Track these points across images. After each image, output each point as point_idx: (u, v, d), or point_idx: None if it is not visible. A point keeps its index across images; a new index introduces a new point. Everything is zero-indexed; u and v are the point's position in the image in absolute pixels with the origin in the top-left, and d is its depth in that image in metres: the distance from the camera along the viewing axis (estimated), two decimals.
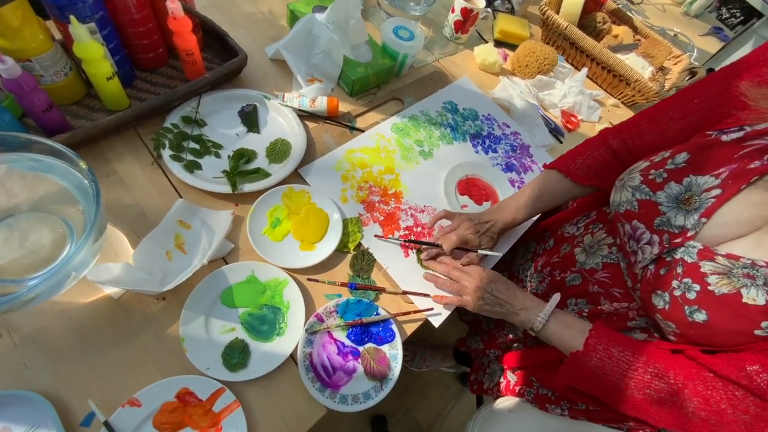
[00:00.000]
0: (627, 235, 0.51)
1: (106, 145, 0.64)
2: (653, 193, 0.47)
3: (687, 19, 1.72)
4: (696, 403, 0.42)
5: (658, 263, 0.46)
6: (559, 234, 0.70)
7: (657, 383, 0.45)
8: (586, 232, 0.63)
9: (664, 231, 0.45)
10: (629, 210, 0.50)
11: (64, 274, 0.46)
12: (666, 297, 0.44)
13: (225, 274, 0.58)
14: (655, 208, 0.47)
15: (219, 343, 0.54)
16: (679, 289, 0.43)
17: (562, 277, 0.63)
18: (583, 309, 0.58)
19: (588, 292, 0.58)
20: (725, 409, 0.40)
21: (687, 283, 0.42)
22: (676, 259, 0.44)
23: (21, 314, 0.51)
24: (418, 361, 1.36)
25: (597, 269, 0.57)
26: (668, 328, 0.46)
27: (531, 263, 0.74)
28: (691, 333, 0.43)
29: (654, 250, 0.46)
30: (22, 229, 0.51)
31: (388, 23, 0.87)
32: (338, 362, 0.57)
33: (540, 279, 0.68)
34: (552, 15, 1.10)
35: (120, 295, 0.54)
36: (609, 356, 0.48)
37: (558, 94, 1.03)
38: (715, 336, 0.41)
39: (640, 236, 0.48)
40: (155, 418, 0.48)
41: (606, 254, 0.57)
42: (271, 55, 0.83)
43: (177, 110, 0.68)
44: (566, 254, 0.64)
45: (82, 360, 0.49)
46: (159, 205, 0.61)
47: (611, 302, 0.55)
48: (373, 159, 0.77)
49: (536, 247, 0.75)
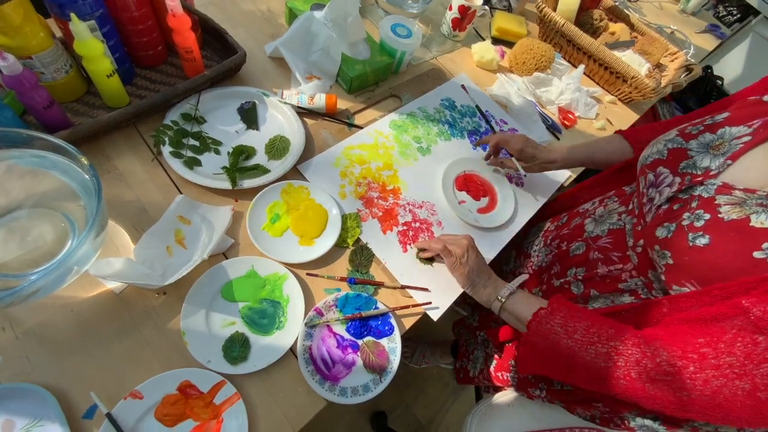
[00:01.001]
0: (648, 184, 0.51)
1: (106, 141, 0.64)
2: (686, 142, 0.48)
3: (684, 16, 1.73)
4: (666, 355, 0.40)
5: (672, 201, 0.46)
6: (573, 211, 0.72)
7: (623, 340, 0.44)
8: (600, 205, 0.64)
9: (687, 173, 0.46)
10: (657, 159, 0.50)
11: (66, 268, 0.46)
12: (672, 227, 0.44)
13: (225, 268, 0.58)
14: (684, 153, 0.47)
15: (220, 336, 0.54)
16: (688, 220, 0.42)
17: (567, 247, 0.64)
18: (578, 275, 0.59)
19: (588, 259, 0.59)
20: (706, 353, 0.38)
21: (698, 214, 0.42)
22: (693, 195, 0.44)
23: (23, 308, 0.51)
24: (418, 357, 1.37)
25: (601, 236, 0.59)
26: (662, 261, 0.45)
27: (541, 239, 0.76)
28: (686, 260, 0.42)
29: (673, 189, 0.46)
30: (24, 225, 0.52)
31: (386, 21, 0.87)
32: (337, 355, 0.58)
33: (547, 252, 0.70)
34: (549, 12, 1.10)
35: (121, 289, 0.54)
36: (571, 316, 0.49)
37: (555, 91, 1.04)
38: (710, 260, 0.40)
39: (661, 181, 0.48)
40: (157, 410, 0.49)
41: (615, 221, 0.58)
42: (269, 52, 0.84)
43: (177, 107, 0.69)
44: (576, 225, 0.66)
45: (84, 353, 0.50)
46: (159, 200, 0.62)
47: (607, 266, 0.56)
48: (372, 155, 0.77)
49: (548, 225, 0.78)
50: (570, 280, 0.61)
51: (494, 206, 0.79)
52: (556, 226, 0.74)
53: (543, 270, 0.70)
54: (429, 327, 0.66)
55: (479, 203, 0.79)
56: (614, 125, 1.10)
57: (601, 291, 0.56)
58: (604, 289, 0.56)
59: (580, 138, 1.03)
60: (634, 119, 1.15)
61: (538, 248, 0.75)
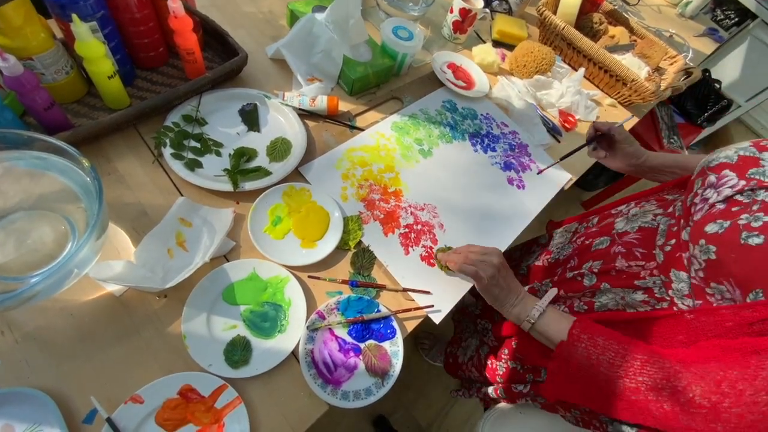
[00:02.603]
0: (706, 185, 0.49)
1: (107, 143, 0.64)
2: (759, 153, 0.47)
3: (682, 20, 1.74)
4: (699, 390, 0.40)
5: (730, 202, 0.45)
6: (606, 213, 0.71)
7: (650, 368, 0.43)
8: (636, 206, 0.63)
9: (754, 178, 0.45)
10: (723, 162, 0.49)
11: (66, 271, 0.46)
12: (726, 223, 0.43)
13: (226, 271, 0.58)
14: (756, 162, 0.46)
15: (221, 340, 0.54)
16: (746, 220, 0.41)
17: (591, 242, 0.62)
18: (594, 267, 0.58)
19: (609, 253, 0.57)
20: (743, 390, 0.38)
21: (758, 216, 0.41)
22: (756, 199, 0.43)
23: (22, 312, 0.51)
24: (435, 354, 1.38)
25: (630, 232, 0.57)
26: (703, 256, 0.44)
27: (568, 237, 0.74)
28: (732, 257, 0.41)
29: (735, 189, 0.45)
30: (24, 227, 0.51)
31: (388, 23, 0.87)
32: (340, 359, 0.57)
33: (569, 248, 0.69)
34: (549, 15, 1.11)
35: (122, 292, 0.54)
36: (594, 345, 0.48)
37: (555, 94, 1.04)
38: (758, 261, 0.39)
39: (723, 183, 0.47)
40: (158, 415, 0.48)
41: (648, 220, 0.57)
42: (271, 54, 0.84)
43: (178, 109, 0.69)
44: (606, 224, 0.64)
45: (84, 357, 0.49)
46: (160, 203, 0.61)
47: (627, 261, 0.54)
48: (373, 157, 0.77)
49: (578, 227, 0.76)
50: (584, 272, 0.60)
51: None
52: (585, 227, 0.73)
53: (559, 263, 0.69)
54: (448, 327, 0.65)
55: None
56: None
57: (613, 285, 0.55)
58: (617, 283, 0.55)
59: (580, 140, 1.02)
60: (634, 122, 1.15)
61: (562, 245, 0.74)
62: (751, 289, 0.40)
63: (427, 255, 0.69)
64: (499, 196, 0.81)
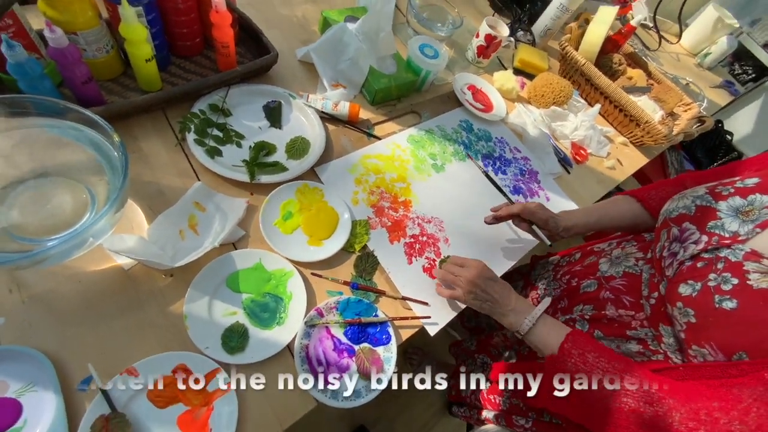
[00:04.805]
0: (671, 238, 0.50)
1: (135, 123, 0.66)
2: (715, 202, 0.48)
3: (700, 70, 1.77)
4: (679, 416, 0.41)
5: (696, 259, 0.46)
6: (588, 249, 0.71)
7: (636, 392, 0.44)
8: (618, 246, 0.64)
9: (715, 233, 0.46)
10: (683, 213, 0.50)
11: (81, 239, 0.47)
12: (697, 285, 0.44)
13: (233, 258, 0.59)
14: (713, 213, 0.47)
15: (220, 324, 0.55)
16: (715, 281, 0.42)
17: (578, 283, 0.63)
18: (586, 313, 0.58)
19: (597, 298, 0.58)
20: (719, 418, 0.38)
21: (725, 276, 0.42)
22: (720, 256, 0.44)
23: (32, 273, 0.52)
24: (422, 370, 1.37)
25: (616, 277, 0.58)
26: (683, 318, 0.45)
27: (551, 272, 0.75)
28: (710, 321, 0.42)
29: (699, 246, 0.46)
30: (47, 192, 0.53)
31: (415, 40, 0.91)
32: (333, 358, 0.58)
33: (556, 286, 0.69)
34: (571, 51, 1.14)
35: (131, 266, 0.55)
36: (584, 362, 0.48)
37: (570, 126, 1.06)
38: (735, 325, 0.40)
39: (687, 237, 0.48)
40: (150, 391, 0.49)
41: (631, 265, 0.58)
42: (300, 57, 0.87)
43: (205, 98, 0.71)
44: (590, 263, 0.65)
45: (86, 325, 0.50)
46: (177, 185, 0.63)
47: (617, 308, 0.55)
48: (387, 166, 0.79)
49: (560, 260, 0.76)
50: (575, 317, 0.60)
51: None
52: (568, 262, 0.74)
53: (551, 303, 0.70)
54: (438, 345, 0.65)
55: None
56: (624, 166, 1.12)
57: (607, 334, 0.56)
58: (610, 332, 0.55)
59: (589, 174, 1.05)
60: (643, 162, 1.17)
61: (547, 281, 0.74)
62: (734, 352, 0.41)
63: (429, 267, 0.70)
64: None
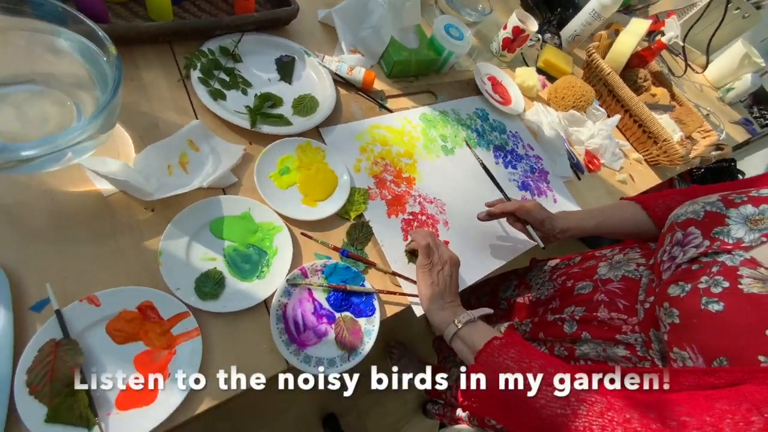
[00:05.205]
0: (674, 242, 0.49)
1: (138, 51, 0.63)
2: (726, 209, 0.46)
3: (721, 104, 1.75)
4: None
5: (693, 262, 0.44)
6: (589, 254, 0.69)
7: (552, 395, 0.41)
8: (620, 252, 0.61)
9: (718, 239, 0.44)
10: (691, 218, 0.48)
11: (59, 151, 0.44)
12: (687, 287, 0.42)
13: (221, 203, 0.56)
14: (721, 219, 0.45)
15: (196, 268, 0.51)
16: (705, 284, 0.41)
17: (573, 285, 0.61)
18: (576, 314, 0.56)
19: (591, 300, 0.56)
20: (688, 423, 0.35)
21: (717, 280, 0.40)
22: (717, 260, 0.42)
23: (3, 181, 0.48)
24: (402, 364, 1.34)
25: (613, 280, 0.56)
26: (668, 319, 0.43)
27: (547, 273, 0.72)
28: (693, 323, 0.40)
29: (699, 250, 0.44)
30: (32, 100, 0.50)
31: (441, 19, 0.88)
32: (311, 322, 0.54)
33: (550, 287, 0.67)
34: (597, 59, 1.11)
35: (110, 194, 0.52)
36: (521, 359, 0.46)
37: (586, 133, 1.03)
38: (719, 329, 0.38)
39: (689, 241, 0.47)
40: (110, 323, 0.45)
41: (631, 269, 0.56)
42: (320, 17, 0.83)
43: (217, 39, 0.68)
44: (589, 267, 0.62)
45: (52, 245, 0.47)
46: (174, 120, 0.60)
47: (609, 311, 0.53)
48: (395, 140, 0.76)
49: (559, 264, 0.74)
50: (565, 317, 0.58)
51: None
52: (566, 264, 0.71)
53: (540, 303, 0.67)
54: (420, 342, 0.61)
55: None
56: (635, 182, 1.09)
57: (595, 336, 0.53)
58: (598, 335, 0.53)
59: (600, 184, 1.02)
60: (655, 182, 1.14)
61: (542, 281, 0.72)
62: (714, 357, 0.39)
63: None
64: None
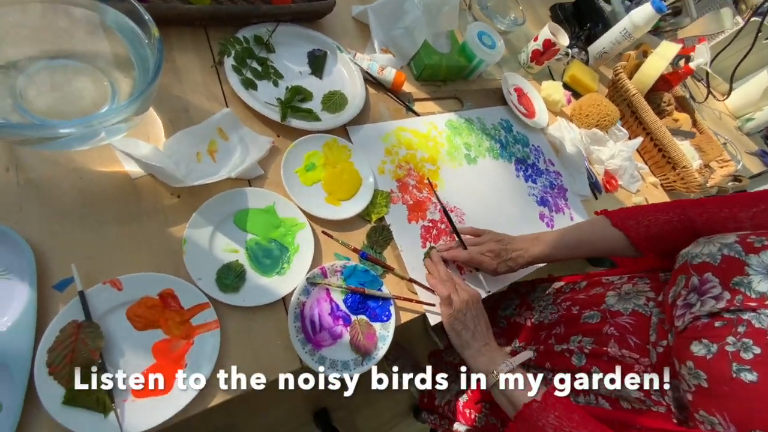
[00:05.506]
0: (690, 287, 0.46)
1: (173, 33, 0.62)
2: (745, 254, 0.43)
3: (738, 134, 1.74)
4: None
5: (714, 317, 0.42)
6: (595, 279, 0.67)
7: None
8: (629, 282, 0.59)
9: (739, 291, 0.41)
10: (707, 262, 0.45)
11: (93, 130, 0.44)
12: (713, 347, 0.40)
13: (246, 195, 0.55)
14: (740, 267, 0.42)
15: (218, 259, 0.51)
16: (734, 346, 0.39)
17: (579, 312, 0.59)
18: (585, 346, 0.54)
19: (600, 332, 0.54)
20: None
21: (746, 343, 0.38)
22: (742, 318, 0.40)
23: (34, 156, 0.48)
24: (397, 364, 1.34)
25: (623, 313, 0.54)
26: (693, 380, 0.41)
27: (551, 296, 0.70)
28: (724, 390, 0.38)
29: (719, 305, 0.42)
30: (68, 75, 0.49)
31: (475, 26, 0.87)
32: (327, 322, 0.54)
33: (553, 310, 0.65)
34: (624, 79, 1.10)
35: (138, 176, 0.51)
36: (569, 419, 0.45)
37: (607, 153, 1.03)
38: (754, 401, 0.37)
39: (707, 290, 0.44)
40: (130, 309, 0.45)
41: (641, 304, 0.54)
42: (355, 14, 0.82)
43: (252, 27, 0.67)
44: (596, 294, 0.60)
45: (78, 224, 0.46)
46: (204, 106, 0.59)
47: (620, 347, 0.51)
48: (420, 144, 0.75)
49: (564, 286, 0.72)
50: (573, 348, 0.56)
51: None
52: (572, 289, 0.69)
53: (543, 326, 0.65)
54: (416, 343, 0.61)
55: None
56: None
57: (606, 372, 0.51)
58: (610, 371, 0.51)
59: (615, 205, 1.01)
60: None
61: (545, 304, 0.70)
62: (749, 429, 0.37)
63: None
64: (527, 228, 0.79)
